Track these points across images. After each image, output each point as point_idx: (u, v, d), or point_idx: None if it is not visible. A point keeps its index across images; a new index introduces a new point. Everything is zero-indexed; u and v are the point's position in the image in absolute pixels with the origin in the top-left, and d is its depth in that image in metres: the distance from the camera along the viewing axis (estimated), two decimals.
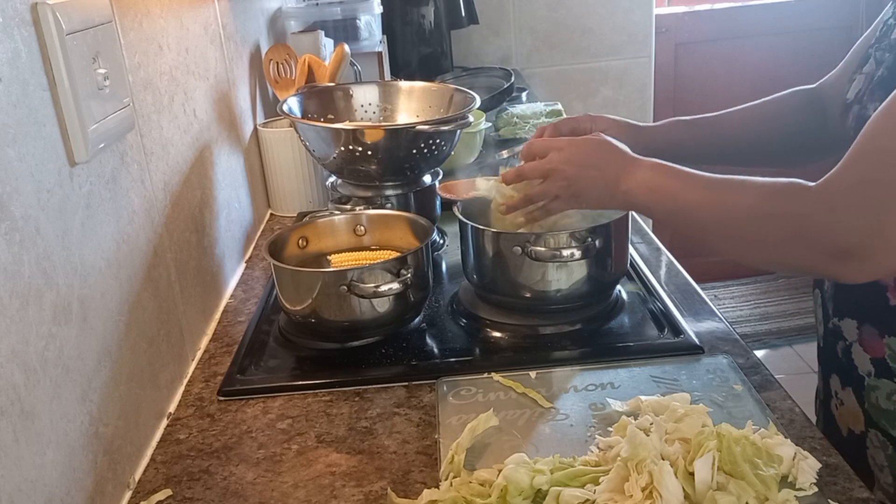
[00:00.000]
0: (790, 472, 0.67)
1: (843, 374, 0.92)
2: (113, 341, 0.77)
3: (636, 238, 1.23)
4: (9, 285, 0.59)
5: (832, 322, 0.92)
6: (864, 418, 0.89)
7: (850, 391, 0.91)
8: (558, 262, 0.94)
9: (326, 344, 0.97)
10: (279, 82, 1.52)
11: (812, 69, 3.45)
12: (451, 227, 1.19)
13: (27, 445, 0.60)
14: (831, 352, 0.93)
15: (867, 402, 0.88)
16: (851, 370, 0.89)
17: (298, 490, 0.74)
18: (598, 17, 2.78)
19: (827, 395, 0.97)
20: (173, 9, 1.04)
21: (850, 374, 0.90)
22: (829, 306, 0.93)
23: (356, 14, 1.85)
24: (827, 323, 0.94)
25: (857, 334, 0.88)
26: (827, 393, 0.97)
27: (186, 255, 1.01)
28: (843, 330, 0.90)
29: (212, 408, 0.88)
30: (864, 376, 0.87)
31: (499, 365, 0.90)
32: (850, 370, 0.90)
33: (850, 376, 0.90)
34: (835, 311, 0.91)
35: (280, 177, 1.47)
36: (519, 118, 1.88)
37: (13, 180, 0.61)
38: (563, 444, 0.76)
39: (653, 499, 0.62)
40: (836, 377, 0.93)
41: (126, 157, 0.83)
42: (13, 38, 0.63)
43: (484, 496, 0.66)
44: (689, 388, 0.82)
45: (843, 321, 0.90)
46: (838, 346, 0.91)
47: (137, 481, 0.78)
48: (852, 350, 0.89)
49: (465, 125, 1.12)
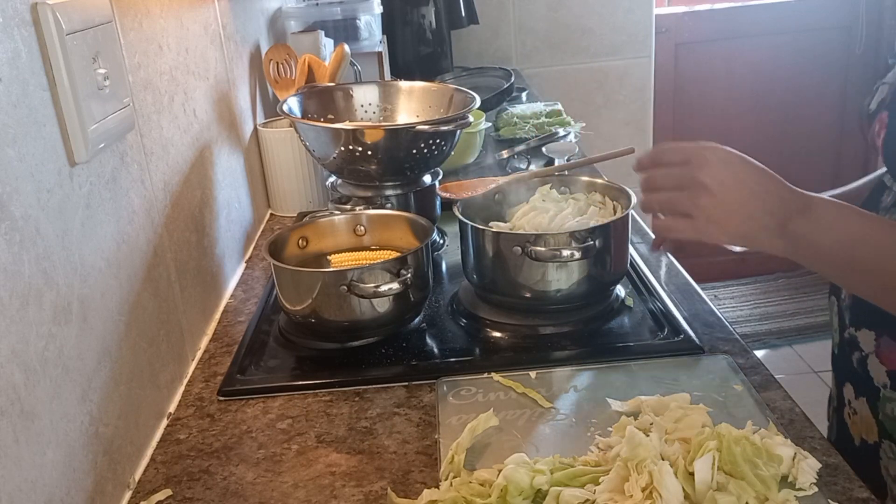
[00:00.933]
0: (790, 472, 0.67)
1: (857, 383, 0.90)
2: (113, 341, 0.77)
3: (636, 238, 1.23)
4: (9, 285, 0.59)
5: (848, 332, 0.90)
6: (877, 429, 0.87)
7: (864, 401, 0.89)
8: (558, 262, 0.94)
9: (326, 344, 0.97)
10: (279, 82, 1.52)
11: (812, 69, 3.48)
12: (451, 227, 1.19)
13: (27, 445, 0.60)
14: (846, 361, 0.92)
15: (881, 414, 0.86)
16: (867, 381, 0.88)
17: (298, 490, 0.74)
18: (598, 17, 2.78)
19: (840, 403, 0.95)
20: (173, 9, 1.04)
21: (865, 385, 0.88)
22: (845, 315, 0.91)
23: (356, 14, 1.85)
24: (843, 332, 0.92)
25: (875, 346, 0.86)
26: (840, 401, 0.95)
27: (186, 255, 1.01)
28: (860, 340, 0.88)
29: (212, 408, 0.88)
30: (880, 388, 0.86)
31: (499, 365, 0.90)
32: (865, 380, 0.88)
33: (865, 387, 0.88)
34: (851, 320, 0.90)
35: (280, 177, 1.47)
36: (519, 118, 1.89)
37: (13, 180, 0.61)
38: (563, 444, 0.76)
39: (653, 499, 0.62)
40: (850, 386, 0.92)
41: (126, 157, 0.83)
42: (13, 38, 0.63)
43: (484, 496, 0.66)
44: (689, 388, 0.82)
45: (859, 331, 0.88)
46: (854, 356, 0.90)
47: (137, 481, 0.78)
48: (868, 361, 0.87)
49: (465, 125, 1.12)
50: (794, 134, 3.24)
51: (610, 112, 2.90)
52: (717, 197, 0.73)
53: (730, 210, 0.74)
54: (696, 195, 0.74)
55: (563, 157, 1.60)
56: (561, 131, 1.74)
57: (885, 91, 0.87)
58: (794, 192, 0.75)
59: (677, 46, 3.10)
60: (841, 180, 3.58)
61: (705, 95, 3.16)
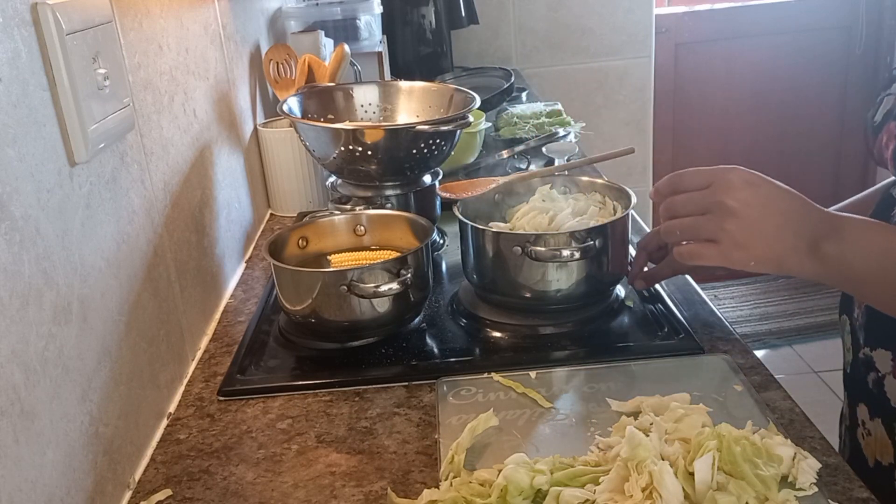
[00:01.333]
0: (790, 472, 0.67)
1: (872, 404, 0.88)
2: (113, 341, 0.77)
3: (636, 238, 1.23)
4: (9, 285, 0.59)
5: (863, 352, 0.88)
6: (893, 451, 0.85)
7: (879, 422, 0.87)
8: (558, 262, 0.94)
9: (326, 344, 0.97)
10: (279, 82, 1.52)
11: (812, 69, 3.48)
12: (451, 227, 1.19)
13: (27, 445, 0.60)
14: (861, 381, 0.89)
15: None
16: (883, 402, 0.85)
17: (298, 490, 0.74)
18: (598, 17, 2.78)
19: (853, 423, 0.93)
20: (173, 9, 1.04)
21: (882, 406, 0.86)
22: (859, 335, 0.89)
23: (356, 14, 1.85)
24: (857, 352, 0.89)
25: (892, 366, 0.83)
26: (853, 420, 0.93)
27: (186, 255, 1.01)
28: (876, 361, 0.86)
29: (212, 408, 0.89)
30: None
31: (499, 365, 0.90)
32: (881, 401, 0.86)
33: (881, 408, 0.86)
34: (866, 340, 0.87)
35: (280, 177, 1.47)
36: (519, 118, 1.89)
37: (13, 180, 0.61)
38: (563, 444, 0.76)
39: (653, 499, 0.62)
40: (865, 407, 0.90)
41: (126, 157, 0.83)
42: (13, 38, 0.63)
43: (484, 496, 0.66)
44: (689, 388, 0.82)
45: (875, 351, 0.86)
46: (869, 376, 0.87)
47: (137, 481, 0.78)
48: (885, 382, 0.85)
49: (465, 125, 1.12)
50: (793, 134, 3.25)
51: (610, 112, 2.90)
52: (743, 220, 0.71)
53: (757, 233, 0.71)
54: (721, 218, 0.72)
55: (563, 157, 1.60)
56: (561, 131, 1.74)
57: (890, 102, 0.85)
58: (821, 212, 0.73)
59: (677, 46, 3.10)
60: (841, 180, 3.60)
61: (705, 95, 3.16)
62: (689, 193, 0.75)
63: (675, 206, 0.77)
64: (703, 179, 0.74)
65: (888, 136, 0.84)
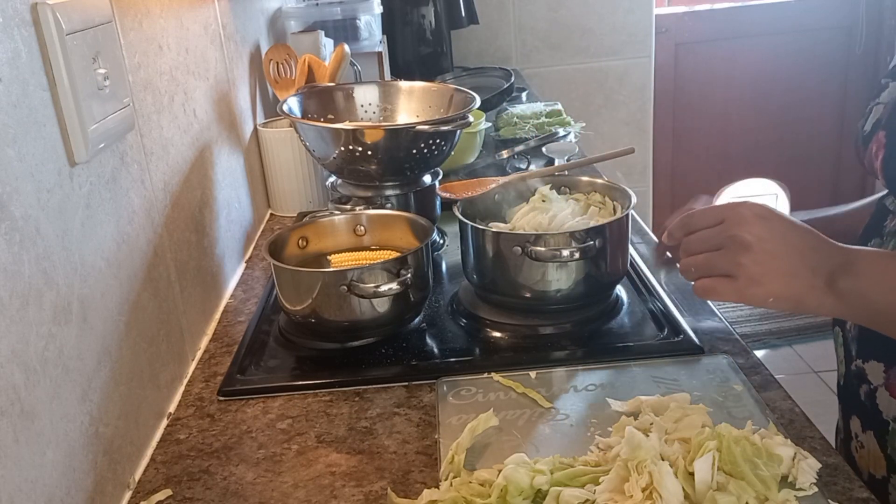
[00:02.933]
0: (790, 472, 0.67)
1: (864, 416, 0.88)
2: (113, 341, 0.77)
3: (636, 238, 1.23)
4: (9, 285, 0.59)
5: (855, 364, 0.88)
6: (886, 463, 0.85)
7: (871, 434, 0.87)
8: (558, 262, 0.94)
9: (326, 344, 0.97)
10: (279, 82, 1.52)
11: (812, 69, 3.48)
12: (451, 227, 1.19)
13: (27, 445, 0.60)
14: (853, 393, 0.89)
15: (890, 448, 0.84)
16: (875, 414, 0.85)
17: (298, 490, 0.74)
18: (598, 17, 2.78)
19: (847, 436, 0.93)
20: (173, 9, 1.04)
21: (874, 418, 0.86)
22: (851, 347, 0.89)
23: (356, 14, 1.85)
24: (849, 364, 0.89)
25: (884, 378, 0.83)
26: (847, 433, 0.93)
27: (186, 255, 1.01)
28: (868, 373, 0.86)
29: (212, 408, 0.89)
30: (889, 421, 0.83)
31: (499, 365, 0.90)
32: (873, 414, 0.85)
33: (873, 420, 0.86)
34: (858, 352, 0.87)
35: (280, 177, 1.47)
36: (519, 118, 1.89)
37: (13, 180, 0.61)
38: (563, 444, 0.76)
39: (653, 499, 0.62)
40: (857, 419, 0.90)
41: (126, 157, 0.83)
42: (13, 38, 0.63)
43: (484, 496, 0.66)
44: (689, 388, 0.82)
45: (867, 363, 0.86)
46: (861, 388, 0.87)
47: (137, 481, 0.78)
48: (877, 394, 0.85)
49: (465, 125, 1.12)
50: (793, 134, 3.25)
51: (610, 112, 2.90)
52: (758, 254, 0.70)
53: (773, 268, 0.70)
54: (735, 253, 0.71)
55: (563, 157, 1.60)
56: (561, 131, 1.74)
57: (879, 111, 0.85)
58: (834, 246, 0.72)
59: (677, 46, 3.10)
60: (840, 180, 3.60)
61: (705, 95, 3.16)
62: (703, 231, 0.75)
63: (690, 246, 0.76)
64: (714, 216, 0.74)
65: (877, 145, 0.84)
